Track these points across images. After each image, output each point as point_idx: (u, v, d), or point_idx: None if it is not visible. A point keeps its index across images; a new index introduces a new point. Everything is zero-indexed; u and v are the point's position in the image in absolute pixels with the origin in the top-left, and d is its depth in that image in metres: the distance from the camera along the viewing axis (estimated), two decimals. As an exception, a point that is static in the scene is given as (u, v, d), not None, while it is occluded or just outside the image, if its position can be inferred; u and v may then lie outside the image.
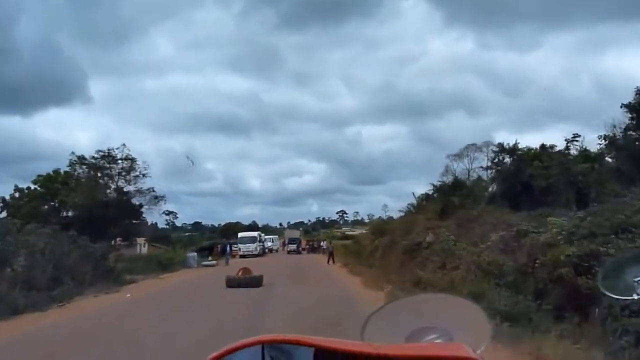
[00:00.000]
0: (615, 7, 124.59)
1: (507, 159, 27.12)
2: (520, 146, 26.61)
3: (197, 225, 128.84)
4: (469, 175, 49.92)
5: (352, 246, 61.51)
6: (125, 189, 37.19)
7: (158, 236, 73.42)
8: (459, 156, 49.67)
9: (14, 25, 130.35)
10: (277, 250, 66.97)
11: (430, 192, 41.12)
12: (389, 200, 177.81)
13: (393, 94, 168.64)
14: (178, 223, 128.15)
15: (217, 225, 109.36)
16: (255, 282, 21.05)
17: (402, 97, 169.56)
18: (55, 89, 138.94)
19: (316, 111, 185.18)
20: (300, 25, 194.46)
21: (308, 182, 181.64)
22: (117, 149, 36.88)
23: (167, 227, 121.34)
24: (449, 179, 41.25)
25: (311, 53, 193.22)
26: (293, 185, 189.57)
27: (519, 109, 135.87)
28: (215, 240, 57.69)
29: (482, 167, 40.95)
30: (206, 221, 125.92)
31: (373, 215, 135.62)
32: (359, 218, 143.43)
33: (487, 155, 40.21)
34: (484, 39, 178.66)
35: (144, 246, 59.99)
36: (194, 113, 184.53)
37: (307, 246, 65.15)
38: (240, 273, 21.88)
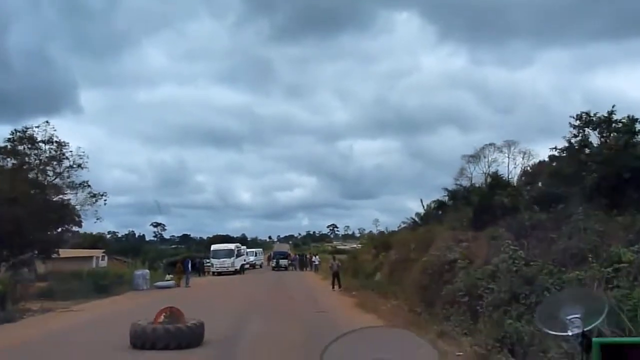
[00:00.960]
0: (606, 27, 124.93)
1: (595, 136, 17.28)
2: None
3: (185, 237, 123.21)
4: (486, 179, 41.52)
5: (347, 262, 52.00)
6: (47, 182, 26.61)
7: (125, 248, 63.16)
8: (475, 157, 41.16)
9: (6, 35, 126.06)
10: (260, 266, 56.60)
11: (443, 199, 34.95)
12: (380, 215, 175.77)
13: (386, 108, 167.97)
14: (166, 235, 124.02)
15: (205, 238, 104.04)
16: (184, 337, 10.80)
17: (394, 112, 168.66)
18: (46, 98, 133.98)
19: (309, 124, 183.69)
20: (295, 37, 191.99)
21: (299, 196, 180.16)
22: (37, 127, 26.57)
23: (155, 239, 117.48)
24: (463, 182, 36.06)
25: (305, 66, 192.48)
26: (284, 198, 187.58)
27: (509, 125, 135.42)
28: (186, 254, 46.98)
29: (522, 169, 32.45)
30: (195, 234, 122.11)
31: (364, 230, 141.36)
32: (350, 232, 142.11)
33: (510, 156, 35.98)
34: (476, 55, 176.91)
35: (102, 259, 49.53)
36: (186, 125, 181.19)
37: (294, 260, 54.66)
38: (160, 318, 11.37)
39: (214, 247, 46.00)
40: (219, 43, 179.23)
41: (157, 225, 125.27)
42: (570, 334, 1.97)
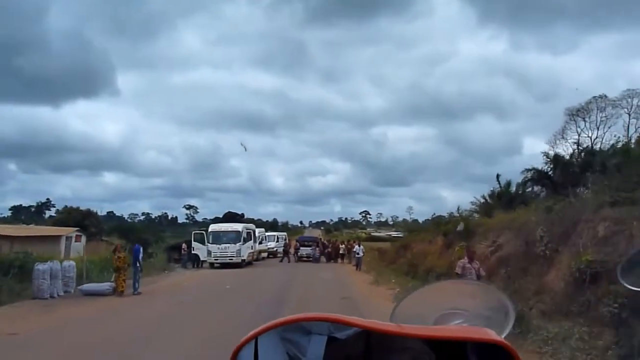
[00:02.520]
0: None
1: None
2: None
3: (216, 220, 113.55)
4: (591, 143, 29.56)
5: (392, 252, 39.70)
6: None
7: (126, 227, 50.22)
8: (584, 111, 31.07)
9: (44, 18, 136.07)
10: (282, 254, 42.58)
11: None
12: (413, 203, 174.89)
13: (421, 94, 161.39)
14: (198, 218, 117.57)
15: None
16: None
17: (430, 99, 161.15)
18: (84, 80, 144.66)
19: (343, 110, 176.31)
20: (329, 20, 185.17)
21: (332, 182, 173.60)
22: None
23: (187, 221, 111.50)
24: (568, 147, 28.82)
25: (339, 50, 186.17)
26: (316, 184, 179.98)
27: (550, 114, 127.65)
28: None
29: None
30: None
31: (397, 217, 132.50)
32: (383, 219, 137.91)
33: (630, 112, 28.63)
34: (517, 39, 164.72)
35: (77, 240, 36.42)
36: (220, 109, 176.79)
37: (328, 250, 40.30)
38: None
39: (212, 227, 32.07)
40: (254, 26, 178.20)
41: (189, 207, 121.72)
42: None
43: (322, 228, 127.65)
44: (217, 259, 29.21)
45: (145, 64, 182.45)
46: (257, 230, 39.00)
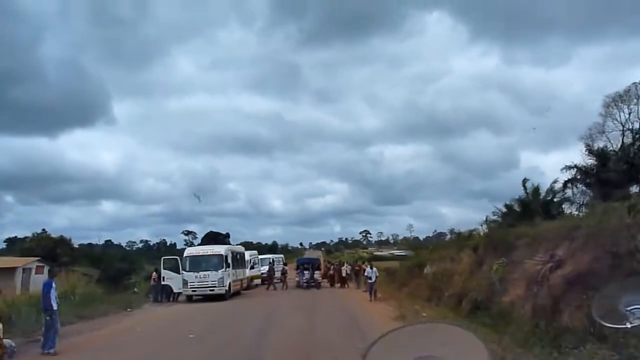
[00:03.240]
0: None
1: None
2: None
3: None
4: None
5: (404, 273, 35.75)
6: None
7: (96, 256, 44.17)
8: (624, 99, 26.43)
9: (38, 48, 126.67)
10: (280, 280, 36.81)
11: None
12: (413, 221, 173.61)
13: (416, 112, 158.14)
14: (197, 243, 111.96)
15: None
16: None
17: (425, 116, 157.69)
18: (80, 109, 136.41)
19: (338, 130, 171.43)
20: (323, 41, 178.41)
21: (330, 203, 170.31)
22: None
23: (186, 246, 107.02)
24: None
25: (334, 71, 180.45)
26: (315, 205, 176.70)
27: (544, 128, 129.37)
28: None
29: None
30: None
31: (398, 236, 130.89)
32: (384, 238, 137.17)
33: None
34: (509, 54, 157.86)
35: (36, 272, 30.67)
36: (217, 133, 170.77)
37: (330, 273, 34.48)
38: None
39: (189, 251, 26.24)
40: (248, 50, 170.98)
41: (188, 233, 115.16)
42: (629, 326, 1.81)
43: (322, 249, 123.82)
44: (195, 291, 23.48)
45: (141, 91, 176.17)
46: (247, 253, 33.32)
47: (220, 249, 24.98)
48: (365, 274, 26.77)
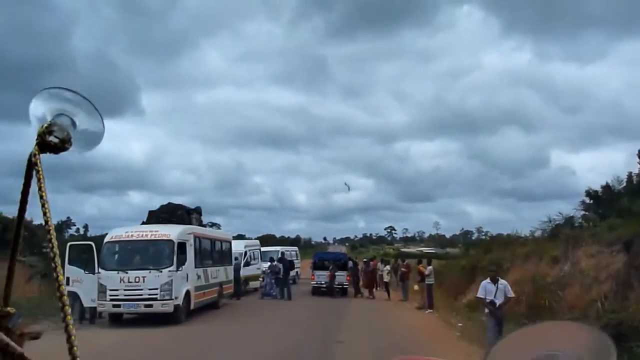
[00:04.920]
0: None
1: None
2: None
3: (239, 237, 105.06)
4: None
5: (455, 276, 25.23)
6: None
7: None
8: None
9: (69, 37, 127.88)
10: (294, 281, 25.20)
11: None
12: (438, 218, 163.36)
13: (444, 108, 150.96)
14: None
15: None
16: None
17: (453, 112, 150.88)
18: (109, 101, 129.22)
19: (365, 125, 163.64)
20: (350, 35, 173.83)
21: (355, 198, 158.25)
22: None
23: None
24: None
25: (361, 65, 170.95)
26: (340, 200, 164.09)
27: (576, 126, 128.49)
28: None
29: None
30: (250, 234, 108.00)
31: (423, 233, 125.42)
32: (409, 235, 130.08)
33: None
34: (542, 49, 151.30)
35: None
36: (243, 126, 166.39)
37: (365, 275, 22.76)
38: None
39: (113, 234, 13.43)
40: (275, 43, 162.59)
41: (212, 224, 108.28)
42: None
43: (346, 244, 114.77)
44: (118, 305, 12.26)
45: (169, 83, 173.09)
46: (240, 243, 22.09)
47: (169, 231, 13.11)
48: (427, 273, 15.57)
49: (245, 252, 21.45)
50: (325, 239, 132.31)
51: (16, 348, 0.74)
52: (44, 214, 0.85)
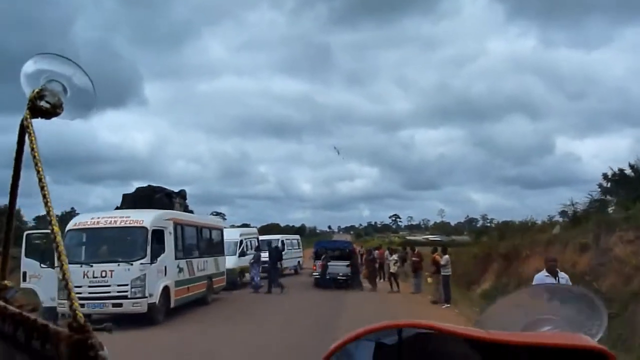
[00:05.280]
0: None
1: None
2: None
3: (244, 227, 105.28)
4: None
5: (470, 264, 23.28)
6: None
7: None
8: None
9: (71, 27, 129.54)
10: (296, 271, 23.23)
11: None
12: (443, 206, 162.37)
13: (449, 96, 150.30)
14: (226, 225, 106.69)
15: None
16: None
17: (458, 100, 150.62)
18: (112, 91, 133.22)
19: (369, 113, 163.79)
20: (353, 23, 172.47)
21: (360, 186, 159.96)
22: None
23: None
24: None
25: (364, 53, 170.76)
26: (344, 189, 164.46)
27: (582, 112, 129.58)
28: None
29: None
30: (255, 223, 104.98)
31: (428, 220, 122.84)
32: (414, 223, 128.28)
33: None
34: (547, 35, 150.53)
35: None
36: (247, 115, 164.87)
37: (366, 264, 20.74)
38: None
39: (76, 221, 11.33)
40: (278, 31, 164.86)
41: (217, 214, 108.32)
42: None
43: (351, 232, 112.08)
44: (82, 306, 10.26)
45: (172, 72, 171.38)
46: (235, 231, 20.20)
47: (143, 217, 10.97)
48: (441, 263, 13.53)
49: (241, 241, 19.49)
50: (330, 227, 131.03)
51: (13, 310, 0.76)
52: (39, 180, 0.82)
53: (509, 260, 20.11)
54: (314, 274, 19.79)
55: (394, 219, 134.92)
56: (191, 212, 14.53)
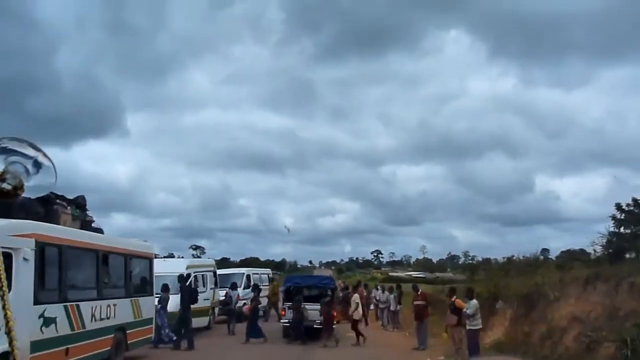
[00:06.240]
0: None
1: None
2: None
3: (224, 260, 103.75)
4: None
5: None
6: None
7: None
8: None
9: (55, 57, 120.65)
10: (261, 314, 18.09)
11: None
12: (425, 242, 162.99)
13: (430, 133, 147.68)
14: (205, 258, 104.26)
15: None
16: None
17: (439, 137, 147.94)
18: (94, 121, 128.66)
19: (351, 149, 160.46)
20: (338, 57, 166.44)
21: (341, 222, 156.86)
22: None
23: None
24: None
25: (348, 88, 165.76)
26: (326, 224, 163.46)
27: (561, 151, 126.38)
28: None
29: None
30: (235, 257, 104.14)
31: (410, 257, 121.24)
32: (396, 259, 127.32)
33: None
34: (527, 74, 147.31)
35: None
36: (230, 148, 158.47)
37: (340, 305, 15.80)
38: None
39: None
40: (262, 65, 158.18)
41: (196, 248, 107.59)
42: None
43: (332, 268, 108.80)
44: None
45: (155, 104, 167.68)
46: (178, 263, 15.30)
47: None
48: (466, 312, 8.75)
49: (188, 275, 14.54)
50: (311, 262, 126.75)
51: None
52: None
53: (530, 304, 15.58)
54: (282, 320, 14.79)
55: (375, 254, 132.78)
56: (98, 230, 9.63)
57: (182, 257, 16.21)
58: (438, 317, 13.48)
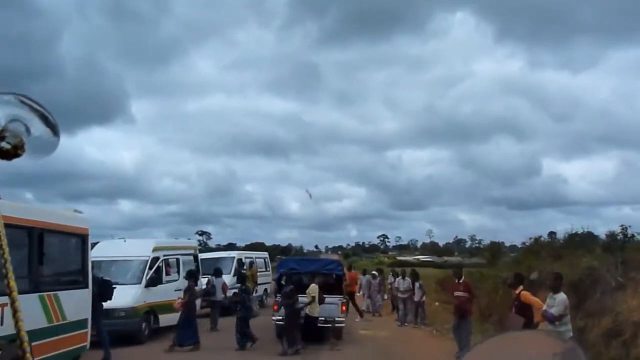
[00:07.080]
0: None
1: None
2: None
3: (230, 246, 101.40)
4: None
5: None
6: None
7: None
8: None
9: (58, 44, 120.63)
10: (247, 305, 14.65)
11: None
12: (431, 226, 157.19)
13: (436, 116, 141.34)
14: (212, 244, 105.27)
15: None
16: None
17: (445, 121, 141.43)
18: (98, 107, 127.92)
19: (357, 133, 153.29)
20: (343, 41, 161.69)
21: (347, 206, 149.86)
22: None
23: (200, 247, 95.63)
24: None
25: (353, 72, 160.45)
26: (332, 209, 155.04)
27: (568, 134, 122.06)
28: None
29: None
30: (241, 243, 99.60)
31: (416, 241, 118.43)
32: (403, 243, 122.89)
33: None
34: (535, 56, 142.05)
35: None
36: (235, 134, 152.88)
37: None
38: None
39: None
40: (266, 50, 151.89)
41: (202, 233, 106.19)
42: None
43: (339, 252, 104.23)
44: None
45: (159, 90, 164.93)
46: (144, 243, 12.03)
47: None
48: (549, 311, 5.30)
49: (154, 259, 11.27)
50: (317, 247, 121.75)
51: None
52: None
53: (583, 292, 12.33)
54: (275, 317, 11.49)
55: (382, 239, 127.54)
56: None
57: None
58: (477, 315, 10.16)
